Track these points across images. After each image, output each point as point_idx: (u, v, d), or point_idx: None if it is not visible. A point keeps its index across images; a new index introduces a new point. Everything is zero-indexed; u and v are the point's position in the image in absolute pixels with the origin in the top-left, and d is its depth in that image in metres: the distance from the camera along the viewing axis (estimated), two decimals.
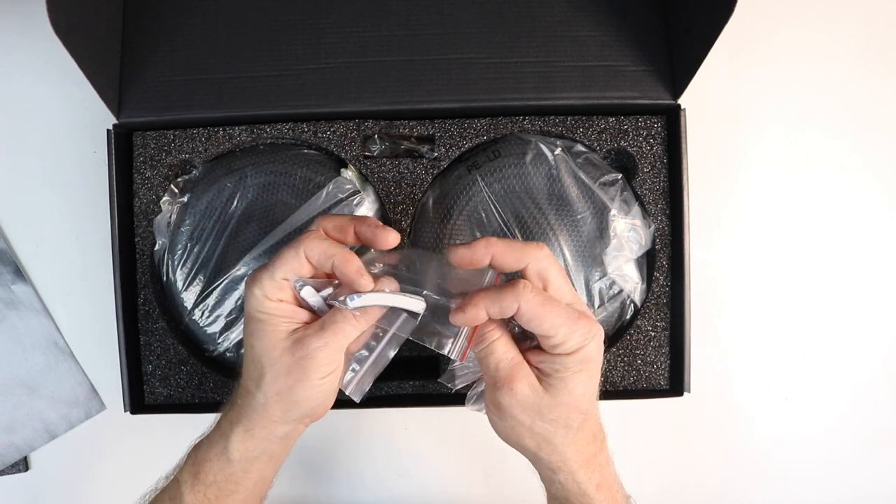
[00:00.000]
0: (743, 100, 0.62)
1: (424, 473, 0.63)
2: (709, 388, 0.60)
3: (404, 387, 0.56)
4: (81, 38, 0.48)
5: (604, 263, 0.54)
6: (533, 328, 0.39)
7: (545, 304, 0.38)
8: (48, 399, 0.62)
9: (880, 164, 0.62)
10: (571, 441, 0.41)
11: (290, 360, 0.39)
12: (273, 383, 0.40)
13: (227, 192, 0.55)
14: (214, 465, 0.42)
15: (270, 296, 0.40)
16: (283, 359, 0.39)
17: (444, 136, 0.56)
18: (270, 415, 0.41)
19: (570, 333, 0.38)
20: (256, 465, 0.43)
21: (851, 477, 0.63)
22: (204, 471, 0.43)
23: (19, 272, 0.61)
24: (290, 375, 0.39)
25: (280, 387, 0.40)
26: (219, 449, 0.42)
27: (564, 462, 0.41)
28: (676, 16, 0.53)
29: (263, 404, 0.41)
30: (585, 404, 0.40)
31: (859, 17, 0.62)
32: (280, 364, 0.40)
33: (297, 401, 0.40)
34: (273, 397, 0.40)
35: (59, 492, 0.63)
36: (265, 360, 0.40)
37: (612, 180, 0.55)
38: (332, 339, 0.39)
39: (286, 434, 0.43)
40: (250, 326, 0.41)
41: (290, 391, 0.40)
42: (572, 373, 0.39)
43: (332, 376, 0.40)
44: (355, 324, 0.39)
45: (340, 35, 0.54)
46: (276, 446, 0.43)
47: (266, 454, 0.43)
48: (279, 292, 0.40)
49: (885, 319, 0.62)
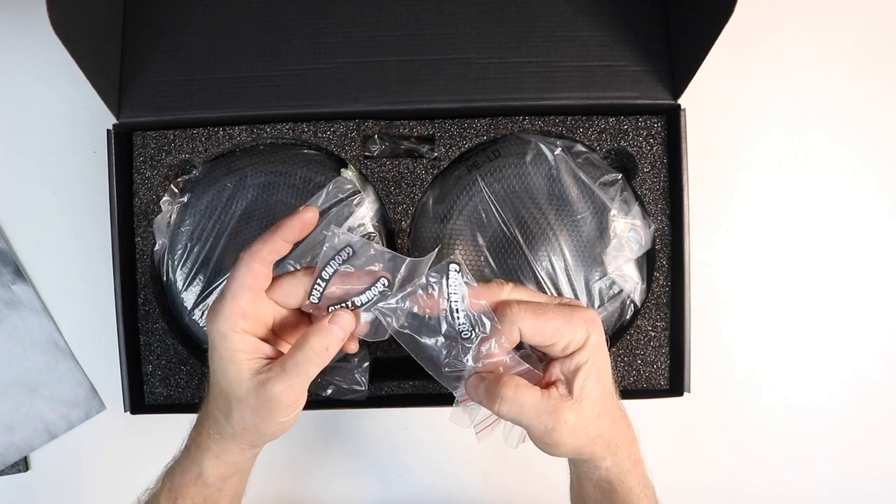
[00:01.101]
0: (743, 100, 0.62)
1: (424, 473, 0.63)
2: (709, 388, 0.60)
3: (404, 387, 0.56)
4: (81, 38, 0.48)
5: (604, 263, 0.54)
6: (538, 342, 0.39)
7: (539, 315, 0.39)
8: (48, 399, 0.62)
9: (880, 165, 0.62)
10: (613, 424, 0.42)
11: (255, 401, 0.40)
12: (241, 420, 0.41)
13: (227, 192, 0.55)
14: (192, 490, 0.44)
15: (235, 328, 0.40)
16: (248, 399, 0.40)
17: (444, 136, 0.56)
18: (239, 443, 0.42)
19: (573, 331, 0.39)
20: (230, 483, 0.45)
21: (851, 476, 0.63)
22: (182, 496, 0.44)
23: (19, 272, 0.61)
24: (256, 414, 0.40)
25: (247, 423, 0.41)
26: (194, 475, 0.43)
27: (612, 445, 0.42)
28: (676, 16, 0.53)
29: (232, 435, 0.42)
30: (609, 384, 0.42)
31: (859, 18, 0.62)
32: (246, 404, 0.40)
33: (263, 434, 0.41)
34: (241, 430, 0.41)
35: (59, 492, 0.63)
36: (231, 397, 0.40)
37: (612, 180, 0.55)
38: (296, 382, 0.39)
39: (256, 455, 0.45)
40: (215, 362, 0.41)
41: (257, 428, 0.41)
42: (590, 363, 0.40)
43: (297, 409, 0.41)
44: (317, 361, 0.39)
45: (340, 35, 0.54)
46: (245, 465, 0.46)
47: (238, 473, 0.45)
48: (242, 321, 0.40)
49: (885, 319, 0.62)
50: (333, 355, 0.40)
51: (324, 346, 0.39)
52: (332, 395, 0.55)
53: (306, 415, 0.61)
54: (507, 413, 0.39)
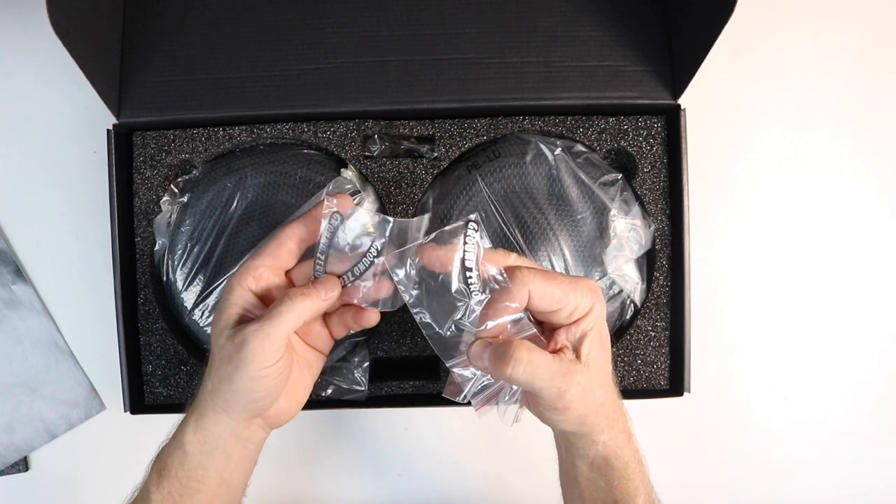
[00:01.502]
0: (743, 100, 0.62)
1: (424, 473, 0.63)
2: (709, 388, 0.60)
3: (404, 387, 0.56)
4: (81, 38, 0.48)
5: (604, 263, 0.54)
6: (545, 306, 0.40)
7: (548, 279, 0.39)
8: (48, 399, 0.62)
9: (880, 165, 0.62)
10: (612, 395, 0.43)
11: (231, 346, 0.40)
12: (217, 370, 0.41)
13: (227, 192, 0.55)
14: (175, 459, 0.43)
15: (242, 283, 0.41)
16: (225, 346, 0.40)
17: (444, 136, 0.56)
18: (215, 404, 0.41)
19: (579, 297, 0.40)
20: (213, 464, 0.43)
21: (851, 476, 0.63)
22: (166, 467, 0.43)
23: (19, 272, 0.61)
24: (230, 363, 0.40)
25: (222, 374, 0.40)
26: (176, 443, 0.43)
27: (609, 418, 0.42)
28: (676, 16, 0.53)
29: (210, 391, 0.41)
30: (609, 354, 0.42)
31: (859, 18, 0.62)
32: (223, 352, 0.40)
33: (235, 390, 0.40)
34: (217, 384, 0.41)
35: (59, 492, 0.63)
36: (214, 346, 0.41)
37: (612, 180, 0.55)
38: (267, 324, 0.39)
39: (237, 432, 0.43)
40: (214, 316, 0.42)
41: (230, 379, 0.40)
42: (595, 330, 0.40)
43: (273, 369, 0.40)
44: (294, 309, 0.39)
45: (340, 35, 0.54)
46: (228, 444, 0.43)
47: (220, 451, 0.43)
48: (252, 282, 0.41)
49: (884, 319, 0.62)
50: (313, 313, 0.41)
51: (300, 293, 0.40)
52: (332, 395, 0.55)
53: (306, 415, 0.62)
54: (521, 375, 0.38)
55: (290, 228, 0.42)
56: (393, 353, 0.56)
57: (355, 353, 0.55)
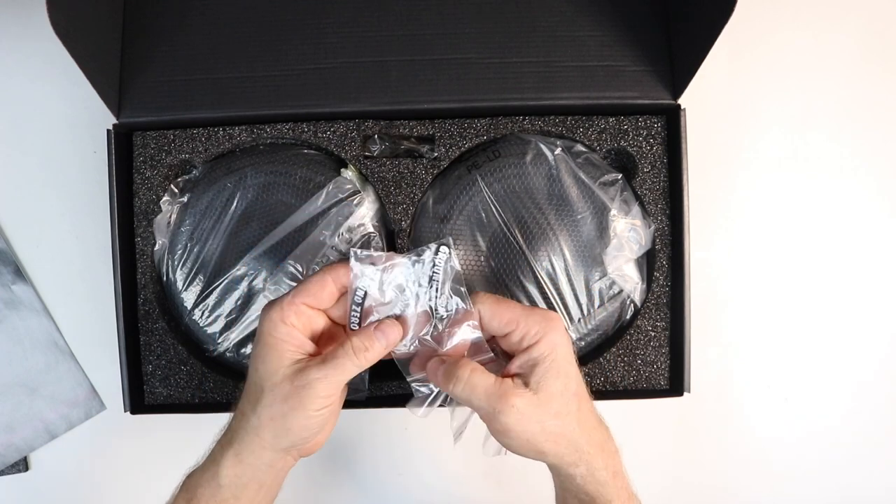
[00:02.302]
0: (743, 100, 0.62)
1: (424, 473, 0.63)
2: (709, 388, 0.60)
3: (404, 387, 0.56)
4: (81, 38, 0.48)
5: (604, 263, 0.54)
6: (493, 328, 0.42)
7: (499, 302, 0.42)
8: (48, 399, 0.62)
9: (880, 165, 0.62)
10: (580, 427, 0.42)
11: (289, 387, 0.40)
12: (269, 408, 0.41)
13: (227, 192, 0.55)
14: (206, 490, 0.43)
15: (286, 320, 0.41)
16: (282, 385, 0.40)
17: (444, 136, 0.56)
18: (261, 439, 0.41)
19: (529, 324, 0.41)
20: (246, 494, 0.43)
21: (851, 476, 0.63)
22: (196, 497, 0.43)
23: (19, 272, 0.61)
24: (286, 402, 0.40)
25: (274, 412, 0.41)
26: (210, 474, 0.43)
27: (581, 451, 0.42)
28: (676, 16, 0.53)
29: (256, 427, 0.41)
30: (574, 386, 0.42)
31: (859, 18, 0.62)
32: (279, 390, 0.40)
33: (288, 428, 0.41)
34: (266, 421, 0.41)
35: (59, 492, 0.63)
36: (266, 384, 0.41)
37: (612, 180, 0.55)
38: (332, 374, 0.40)
39: (274, 463, 0.43)
40: (258, 349, 0.42)
41: (284, 418, 0.40)
42: (550, 361, 0.41)
43: (327, 409, 0.41)
44: (356, 361, 0.41)
45: (340, 35, 0.54)
46: (264, 475, 0.43)
47: (255, 482, 0.43)
48: (295, 318, 0.41)
49: (884, 319, 0.62)
50: (373, 361, 0.41)
51: (363, 346, 0.41)
52: None
53: None
54: (459, 392, 0.41)
55: (333, 272, 0.42)
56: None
57: None
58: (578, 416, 0.42)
